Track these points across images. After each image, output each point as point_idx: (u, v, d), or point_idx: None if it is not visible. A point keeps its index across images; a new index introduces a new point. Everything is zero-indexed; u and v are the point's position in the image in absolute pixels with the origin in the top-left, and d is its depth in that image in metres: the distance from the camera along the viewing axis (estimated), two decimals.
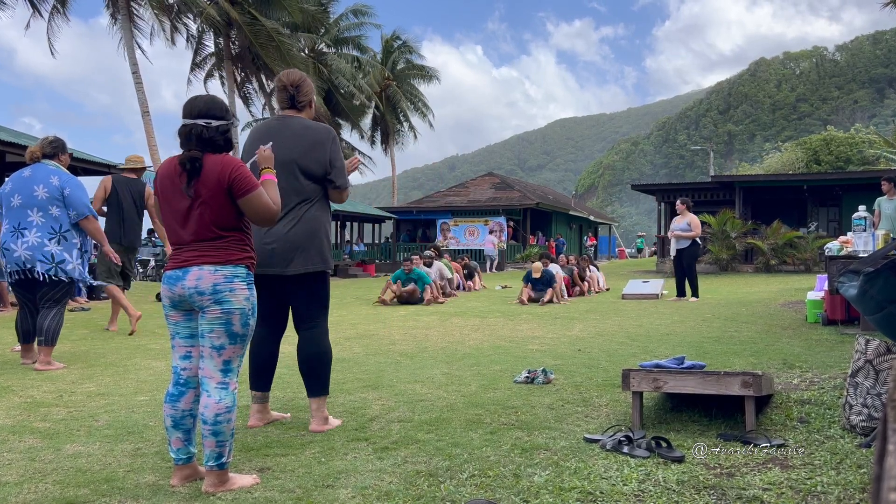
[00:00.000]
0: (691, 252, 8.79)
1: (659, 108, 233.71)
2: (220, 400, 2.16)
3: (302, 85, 2.88)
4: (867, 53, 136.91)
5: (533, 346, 5.14)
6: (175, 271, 2.20)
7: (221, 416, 2.14)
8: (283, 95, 2.89)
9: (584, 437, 2.55)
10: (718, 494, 1.98)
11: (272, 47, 21.82)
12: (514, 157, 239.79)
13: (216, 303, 2.15)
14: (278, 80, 2.90)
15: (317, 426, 2.76)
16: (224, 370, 2.19)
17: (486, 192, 24.74)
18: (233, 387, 2.21)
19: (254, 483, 2.17)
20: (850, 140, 37.34)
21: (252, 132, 2.94)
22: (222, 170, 2.18)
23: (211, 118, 2.21)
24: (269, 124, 2.89)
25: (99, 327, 6.39)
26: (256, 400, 2.89)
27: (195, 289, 2.16)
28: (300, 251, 2.74)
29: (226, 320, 2.16)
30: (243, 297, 2.19)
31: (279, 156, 2.70)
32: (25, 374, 4.08)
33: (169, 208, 2.23)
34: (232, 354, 2.20)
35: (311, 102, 2.93)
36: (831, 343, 4.74)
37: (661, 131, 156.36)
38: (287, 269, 2.75)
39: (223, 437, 2.15)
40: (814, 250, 14.30)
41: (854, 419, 2.52)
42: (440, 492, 2.04)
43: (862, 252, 5.20)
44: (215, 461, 2.13)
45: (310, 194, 2.79)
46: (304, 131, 2.81)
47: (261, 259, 2.69)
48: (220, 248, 2.18)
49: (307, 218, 2.78)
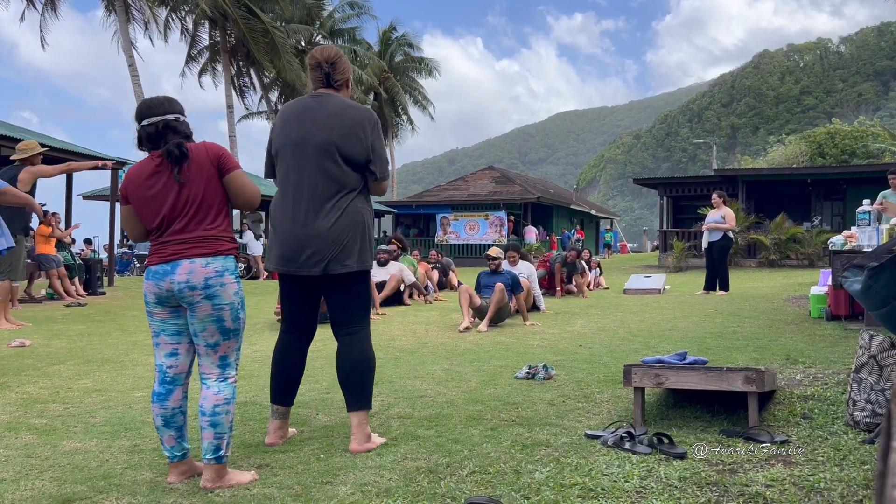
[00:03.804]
0: (722, 245, 8.75)
1: (661, 102, 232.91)
2: (218, 391, 2.15)
3: (338, 62, 2.57)
4: (872, 46, 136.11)
5: (533, 341, 5.12)
6: (162, 266, 2.13)
7: (220, 407, 2.13)
8: (317, 74, 2.56)
9: (586, 434, 2.53)
10: (721, 491, 1.95)
11: (266, 42, 21.76)
12: (514, 151, 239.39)
13: (207, 298, 2.11)
14: (311, 57, 2.59)
15: (357, 445, 2.40)
16: (222, 365, 2.18)
17: (486, 186, 24.67)
18: (232, 379, 2.20)
19: (252, 479, 2.15)
20: (855, 133, 37.14)
21: (282, 112, 2.61)
22: (209, 149, 2.18)
23: (177, 113, 2.20)
24: (304, 102, 2.56)
25: (96, 323, 6.38)
26: (277, 415, 2.56)
27: (186, 283, 2.10)
28: (343, 248, 2.43)
29: (217, 317, 2.13)
30: (233, 292, 2.16)
31: (315, 138, 2.44)
32: (22, 371, 4.07)
33: (148, 209, 2.16)
34: (227, 350, 2.19)
35: (347, 81, 2.62)
36: (835, 338, 4.71)
37: (664, 125, 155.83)
38: (328, 268, 2.43)
39: (221, 430, 2.12)
40: (817, 245, 14.24)
41: (858, 415, 2.50)
42: (440, 488, 2.02)
43: (866, 247, 5.16)
44: (213, 454, 2.10)
45: (350, 183, 2.47)
46: (343, 111, 2.48)
47: (295, 257, 2.44)
48: (209, 240, 2.14)
49: (351, 210, 2.45)
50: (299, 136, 2.49)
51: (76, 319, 6.66)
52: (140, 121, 2.18)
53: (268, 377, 3.83)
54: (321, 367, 4.19)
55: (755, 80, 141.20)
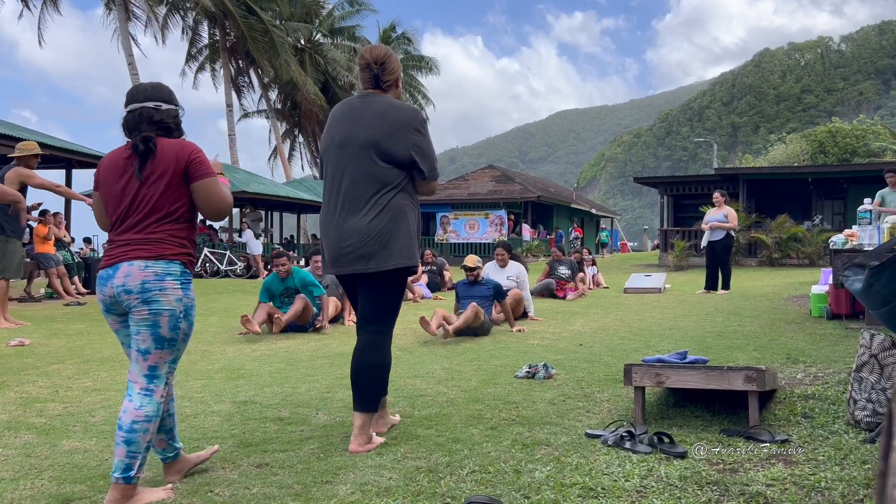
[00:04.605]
0: (725, 244, 8.81)
1: (661, 100, 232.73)
2: (140, 406, 1.97)
3: (387, 62, 2.58)
4: (873, 44, 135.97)
5: (534, 340, 5.12)
6: (106, 270, 2.02)
7: (139, 424, 1.95)
8: (366, 74, 2.58)
9: (586, 433, 2.53)
10: (721, 490, 1.95)
11: (265, 41, 21.74)
12: (515, 150, 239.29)
13: (143, 302, 1.96)
14: (361, 58, 2.61)
15: (356, 446, 2.41)
16: (149, 376, 2.00)
17: (486, 185, 24.65)
18: (158, 395, 2.01)
19: (165, 497, 1.99)
20: (856, 132, 37.08)
21: (331, 114, 2.66)
22: (181, 150, 2.04)
23: (160, 101, 2.07)
24: (351, 103, 2.60)
25: (95, 322, 6.38)
26: None
27: (123, 287, 1.97)
28: (382, 245, 2.42)
29: (152, 322, 1.97)
30: (174, 298, 1.99)
31: (358, 137, 2.47)
32: (21, 370, 4.07)
33: (111, 201, 2.06)
34: (158, 360, 2.01)
35: (397, 82, 2.63)
36: (836, 338, 4.70)
37: (664, 123, 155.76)
38: (368, 265, 2.42)
39: (136, 448, 1.94)
40: (818, 244, 14.22)
41: (858, 414, 2.49)
42: (440, 488, 2.02)
43: (867, 245, 5.16)
44: (122, 473, 1.92)
45: (391, 180, 2.46)
46: (388, 111, 2.50)
47: (339, 257, 2.46)
48: (153, 242, 1.99)
49: (391, 207, 2.45)
50: (343, 136, 2.53)
51: (75, 318, 6.66)
52: (126, 107, 2.11)
53: (267, 376, 3.84)
54: (321, 367, 4.18)
55: (756, 78, 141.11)
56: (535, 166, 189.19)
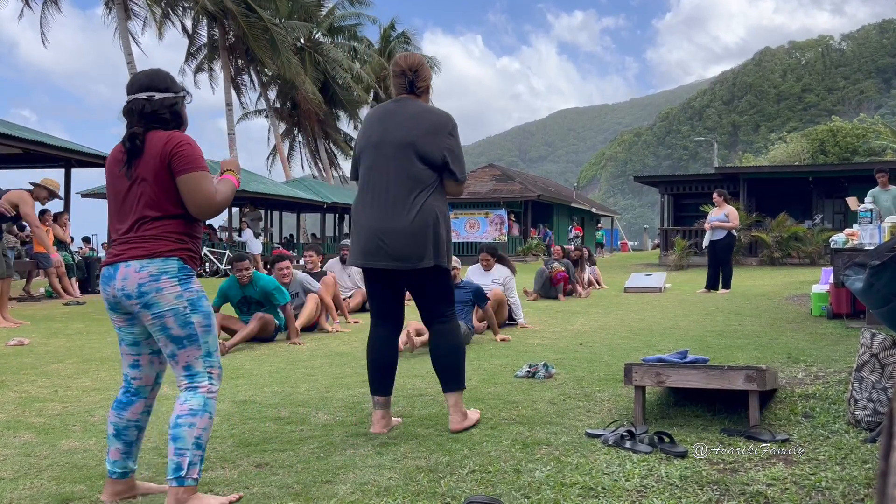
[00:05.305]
0: (726, 243, 8.81)
1: (662, 99, 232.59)
2: (184, 401, 1.93)
3: (420, 69, 2.70)
4: (874, 43, 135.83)
5: (534, 340, 5.11)
6: (107, 269, 1.99)
7: (183, 418, 1.90)
8: (400, 81, 2.70)
9: (586, 433, 2.52)
10: (722, 490, 1.94)
11: (266, 39, 21.73)
12: (515, 149, 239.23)
13: (144, 307, 1.92)
14: (395, 65, 2.72)
15: (457, 423, 2.58)
16: (188, 375, 1.97)
17: (486, 184, 24.64)
18: (203, 389, 1.95)
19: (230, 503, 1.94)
20: (856, 131, 37.04)
21: (366, 117, 2.79)
22: (167, 143, 1.95)
23: (154, 91, 2.00)
24: (386, 107, 2.71)
25: (95, 321, 6.38)
26: (379, 406, 2.66)
27: (122, 291, 1.93)
28: (419, 244, 2.53)
29: (161, 325, 1.93)
30: (174, 296, 1.92)
31: (395, 138, 2.56)
32: (20, 370, 4.06)
33: (112, 199, 2.03)
34: (189, 359, 1.96)
35: (428, 88, 2.76)
36: (836, 337, 4.69)
37: (665, 122, 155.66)
38: (406, 263, 2.54)
39: (182, 445, 1.87)
40: (819, 243, 14.21)
41: (859, 414, 2.49)
42: (440, 487, 2.01)
43: (868, 245, 5.15)
44: (172, 474, 1.87)
45: (427, 180, 2.58)
46: (422, 114, 2.63)
47: (374, 251, 2.55)
48: (147, 240, 1.94)
49: (429, 206, 2.57)
50: (380, 137, 2.62)
51: (75, 318, 6.66)
52: (127, 96, 2.07)
53: (267, 376, 3.84)
54: (321, 366, 4.18)
55: (756, 77, 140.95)
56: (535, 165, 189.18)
